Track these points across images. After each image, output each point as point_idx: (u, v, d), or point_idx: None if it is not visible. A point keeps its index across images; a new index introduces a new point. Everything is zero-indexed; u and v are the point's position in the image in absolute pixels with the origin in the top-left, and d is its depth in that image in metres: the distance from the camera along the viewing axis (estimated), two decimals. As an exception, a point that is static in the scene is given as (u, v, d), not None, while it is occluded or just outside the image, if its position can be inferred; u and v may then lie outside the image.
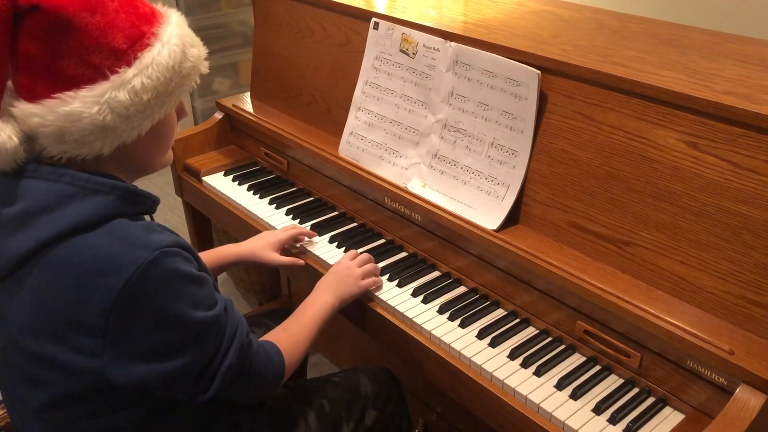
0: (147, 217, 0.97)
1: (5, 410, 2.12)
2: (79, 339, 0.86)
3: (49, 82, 0.85)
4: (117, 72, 0.86)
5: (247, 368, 1.01)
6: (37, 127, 0.86)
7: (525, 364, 1.19)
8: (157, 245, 0.87)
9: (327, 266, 1.45)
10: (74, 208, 0.86)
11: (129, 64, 0.87)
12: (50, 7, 0.83)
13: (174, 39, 0.91)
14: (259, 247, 1.44)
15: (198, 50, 0.95)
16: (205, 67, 0.97)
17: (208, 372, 0.95)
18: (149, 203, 0.96)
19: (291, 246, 1.51)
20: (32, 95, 0.86)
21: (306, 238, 1.53)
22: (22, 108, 0.86)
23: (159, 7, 0.96)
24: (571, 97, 1.24)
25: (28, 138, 0.87)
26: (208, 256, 1.40)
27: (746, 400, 0.98)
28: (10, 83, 0.90)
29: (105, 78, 0.86)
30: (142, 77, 0.87)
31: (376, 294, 1.36)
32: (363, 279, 1.34)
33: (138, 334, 0.87)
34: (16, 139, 0.85)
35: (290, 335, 1.17)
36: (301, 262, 1.47)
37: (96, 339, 0.86)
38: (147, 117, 0.90)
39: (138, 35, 0.89)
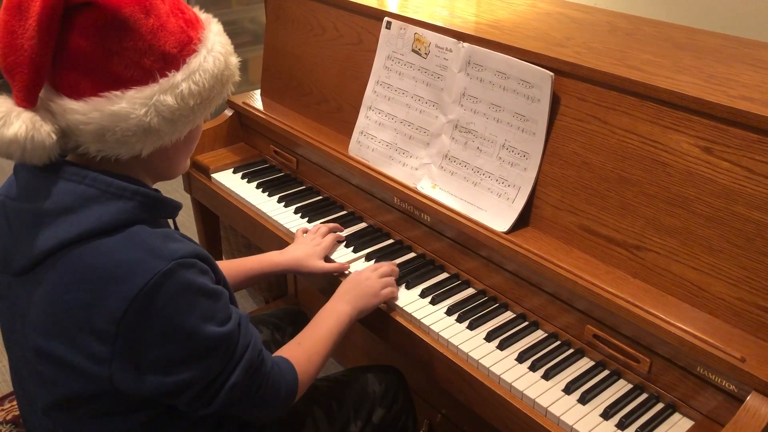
0: (170, 222, 0.97)
1: (13, 403, 2.13)
2: (90, 343, 0.85)
3: (96, 80, 0.85)
4: (166, 75, 0.87)
5: (257, 387, 0.99)
6: (77, 124, 0.85)
7: (533, 368, 1.18)
8: (173, 255, 0.86)
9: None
10: (95, 211, 0.86)
11: (177, 69, 0.88)
12: (107, 4, 0.82)
13: (218, 47, 0.93)
14: (305, 256, 1.40)
15: (234, 59, 0.97)
16: (238, 76, 0.98)
17: (212, 388, 0.93)
18: (170, 209, 0.96)
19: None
20: (75, 92, 0.85)
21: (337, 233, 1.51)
22: (62, 104, 0.85)
23: (199, 13, 0.97)
24: (584, 100, 1.23)
25: (63, 134, 0.86)
26: (246, 264, 1.36)
27: (757, 408, 0.98)
28: None
29: (154, 81, 0.86)
30: (189, 82, 0.88)
31: (385, 294, 1.35)
32: (383, 290, 1.31)
33: (147, 345, 0.86)
34: (54, 137, 0.84)
35: (305, 350, 1.14)
36: (347, 266, 1.42)
37: (106, 345, 0.85)
38: (189, 122, 0.91)
39: (186, 40, 0.90)
